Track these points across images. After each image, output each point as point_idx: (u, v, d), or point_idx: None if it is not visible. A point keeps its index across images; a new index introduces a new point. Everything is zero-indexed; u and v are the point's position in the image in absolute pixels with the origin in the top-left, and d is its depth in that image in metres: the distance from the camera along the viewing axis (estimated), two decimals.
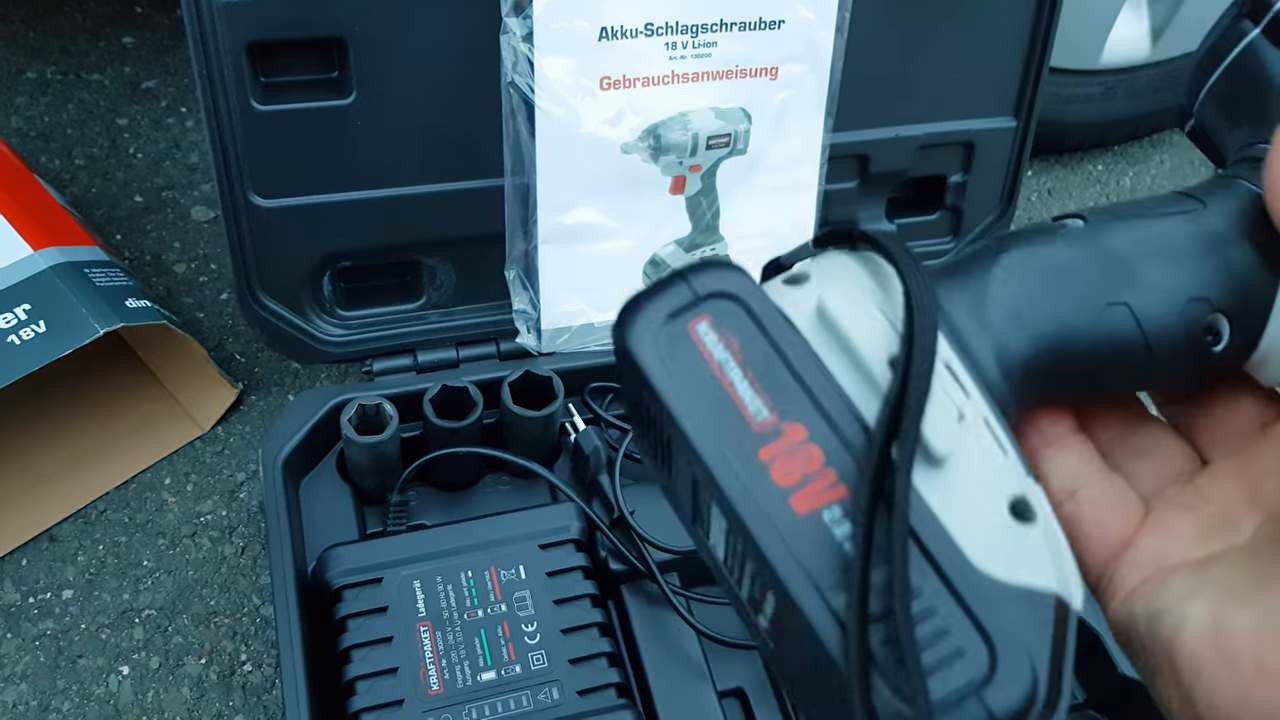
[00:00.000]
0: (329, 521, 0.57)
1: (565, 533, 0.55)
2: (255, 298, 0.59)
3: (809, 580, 0.22)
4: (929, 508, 0.23)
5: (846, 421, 0.23)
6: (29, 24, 0.93)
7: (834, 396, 0.23)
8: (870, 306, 0.25)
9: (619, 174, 0.58)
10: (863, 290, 0.25)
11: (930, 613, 0.22)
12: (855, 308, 0.24)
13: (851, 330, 0.24)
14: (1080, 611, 0.23)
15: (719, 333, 0.24)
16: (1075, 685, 0.58)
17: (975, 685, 0.21)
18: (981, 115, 0.67)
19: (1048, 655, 0.21)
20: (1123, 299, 0.26)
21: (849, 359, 0.24)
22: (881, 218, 0.70)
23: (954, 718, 0.21)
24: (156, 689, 0.57)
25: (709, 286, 0.24)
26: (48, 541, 0.62)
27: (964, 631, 0.21)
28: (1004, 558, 0.22)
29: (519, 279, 0.61)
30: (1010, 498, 0.23)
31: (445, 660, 0.49)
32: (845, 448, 0.23)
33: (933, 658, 0.21)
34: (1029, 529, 0.23)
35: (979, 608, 0.22)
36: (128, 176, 0.82)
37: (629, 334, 0.24)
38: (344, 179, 0.57)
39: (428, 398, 0.58)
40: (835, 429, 0.23)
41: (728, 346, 0.24)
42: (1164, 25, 0.87)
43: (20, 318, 0.57)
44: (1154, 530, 0.27)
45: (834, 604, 0.21)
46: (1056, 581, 0.22)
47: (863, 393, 0.24)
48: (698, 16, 0.56)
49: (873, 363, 0.24)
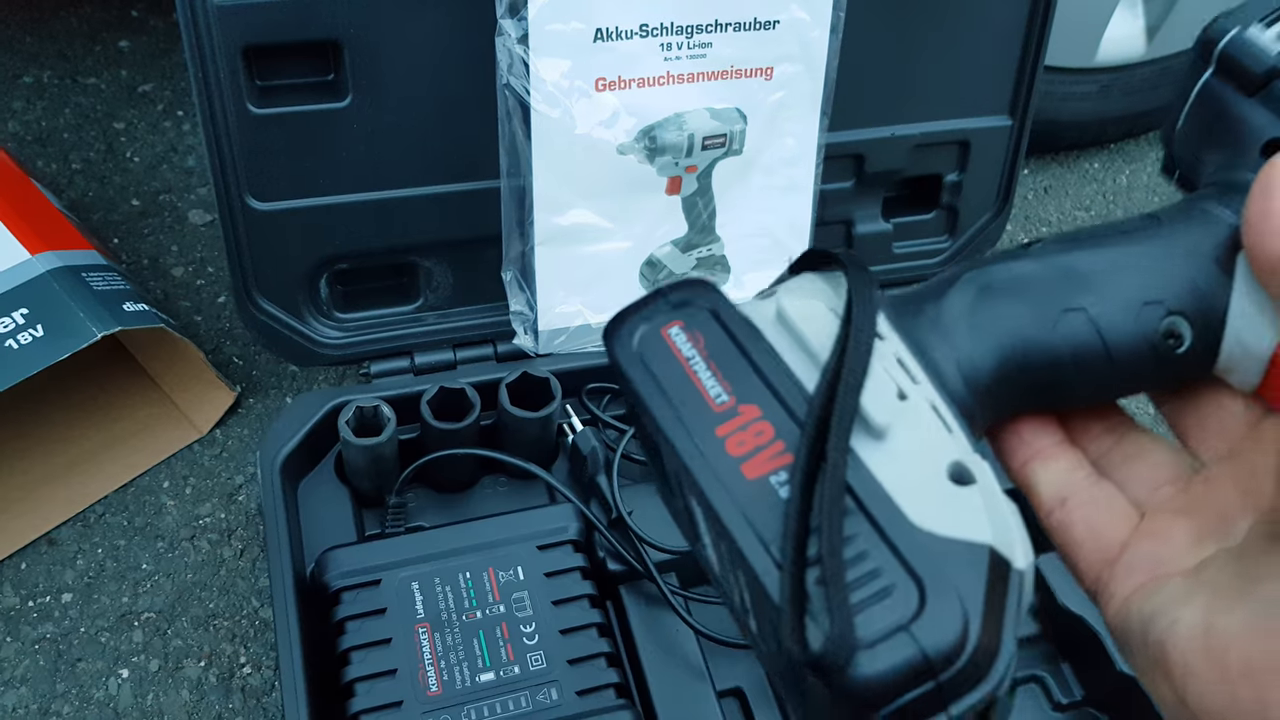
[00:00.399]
0: (327, 524, 0.58)
1: (563, 533, 0.55)
2: (252, 301, 0.59)
3: (756, 535, 0.24)
4: (869, 472, 0.24)
5: (797, 402, 0.26)
6: (25, 29, 0.93)
7: (787, 381, 0.26)
8: (822, 307, 0.27)
9: (615, 175, 0.58)
10: (819, 296, 0.28)
11: (863, 557, 0.23)
12: (808, 307, 0.27)
13: (803, 325, 0.27)
14: (1024, 570, 0.24)
15: (688, 333, 0.27)
16: (1074, 682, 0.58)
17: (904, 622, 0.22)
18: (977, 114, 0.67)
19: (981, 601, 0.22)
20: (1078, 304, 0.27)
21: (801, 350, 0.27)
22: (878, 217, 0.70)
23: (884, 651, 0.22)
24: (156, 692, 0.57)
25: (683, 298, 0.28)
26: (46, 545, 0.62)
27: (895, 574, 0.23)
28: (940, 515, 0.24)
29: (516, 280, 0.61)
30: (950, 465, 0.25)
31: (444, 661, 0.50)
32: (794, 422, 0.25)
33: (863, 595, 0.23)
34: (968, 491, 0.24)
35: (911, 555, 0.23)
36: (124, 180, 0.82)
37: (614, 344, 0.27)
38: (340, 182, 0.57)
39: (425, 399, 0.58)
40: (786, 408, 0.26)
41: (694, 344, 0.27)
42: (1159, 23, 0.87)
43: (18, 322, 0.57)
44: (1148, 536, 0.28)
45: (775, 553, 0.24)
46: (991, 536, 0.23)
47: (812, 376, 0.26)
48: (692, 17, 0.56)
49: (822, 351, 0.26)
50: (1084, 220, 0.91)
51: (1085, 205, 0.93)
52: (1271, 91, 0.30)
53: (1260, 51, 0.30)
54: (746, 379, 0.26)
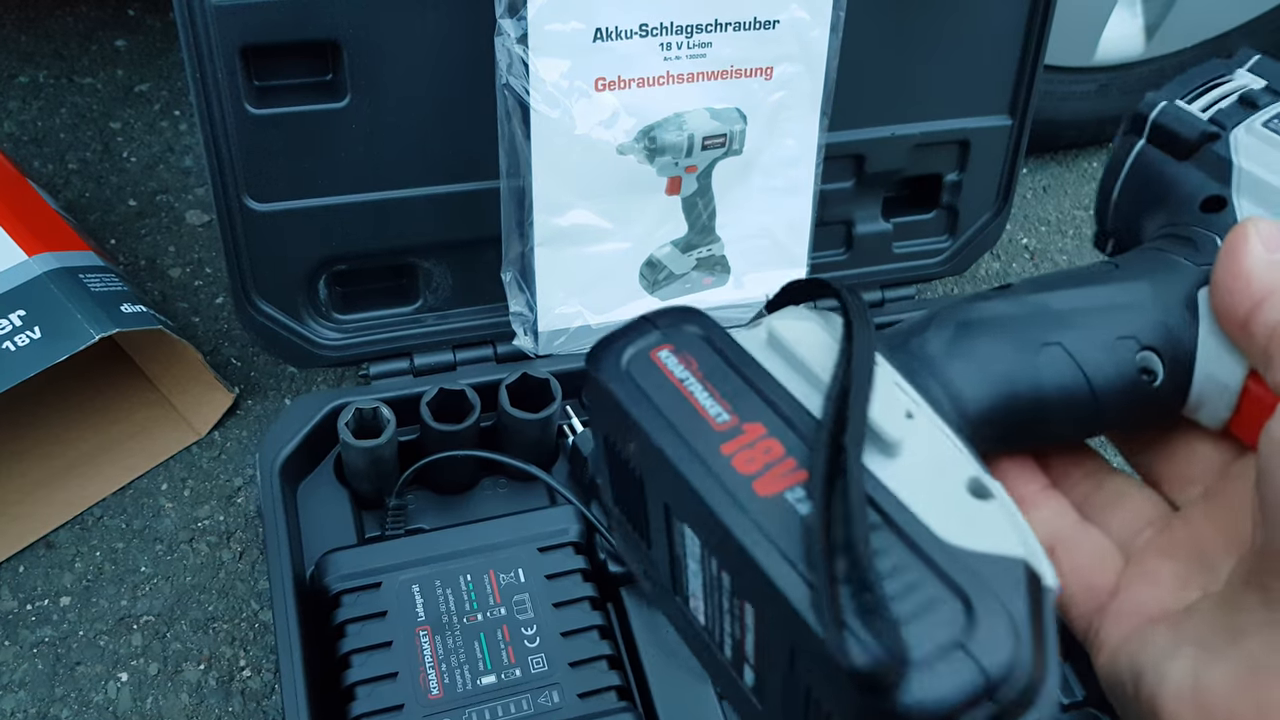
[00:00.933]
0: (327, 526, 0.57)
1: (564, 535, 0.55)
2: (251, 302, 0.59)
3: (779, 553, 0.22)
4: (887, 488, 0.23)
5: (801, 420, 0.25)
6: (20, 28, 0.93)
7: (788, 401, 0.25)
8: (815, 328, 0.27)
9: (615, 175, 0.58)
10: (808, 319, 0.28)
11: (898, 571, 0.22)
12: (800, 329, 0.27)
13: (798, 347, 0.26)
14: (1054, 589, 0.22)
15: (680, 356, 0.26)
16: (1074, 681, 0.58)
17: (957, 638, 0.20)
18: (976, 114, 0.67)
19: (1027, 616, 0.21)
20: (1055, 339, 0.28)
21: (798, 370, 0.26)
22: (878, 217, 0.70)
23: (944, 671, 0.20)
24: (155, 695, 0.57)
25: (670, 323, 0.27)
26: (44, 548, 0.62)
27: (934, 588, 0.21)
28: (967, 529, 0.23)
29: (515, 281, 0.60)
30: (967, 479, 0.24)
31: (445, 664, 0.49)
32: (802, 440, 0.24)
33: (906, 608, 0.21)
34: (990, 505, 0.23)
35: (949, 567, 0.22)
36: (121, 181, 0.82)
37: (600, 368, 0.26)
38: (339, 182, 0.57)
39: (425, 401, 0.57)
40: (791, 426, 0.25)
41: (687, 366, 0.26)
42: (1158, 22, 0.87)
43: (15, 324, 0.57)
44: (1134, 580, 0.28)
45: (803, 571, 0.22)
46: (1023, 551, 0.22)
47: (813, 396, 0.25)
48: (692, 17, 0.55)
49: (819, 370, 0.26)
50: (1083, 219, 0.91)
51: (1084, 205, 0.93)
52: (1203, 155, 0.33)
53: (1192, 119, 0.33)
54: (746, 398, 0.25)
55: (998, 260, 0.86)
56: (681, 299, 0.64)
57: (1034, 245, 0.88)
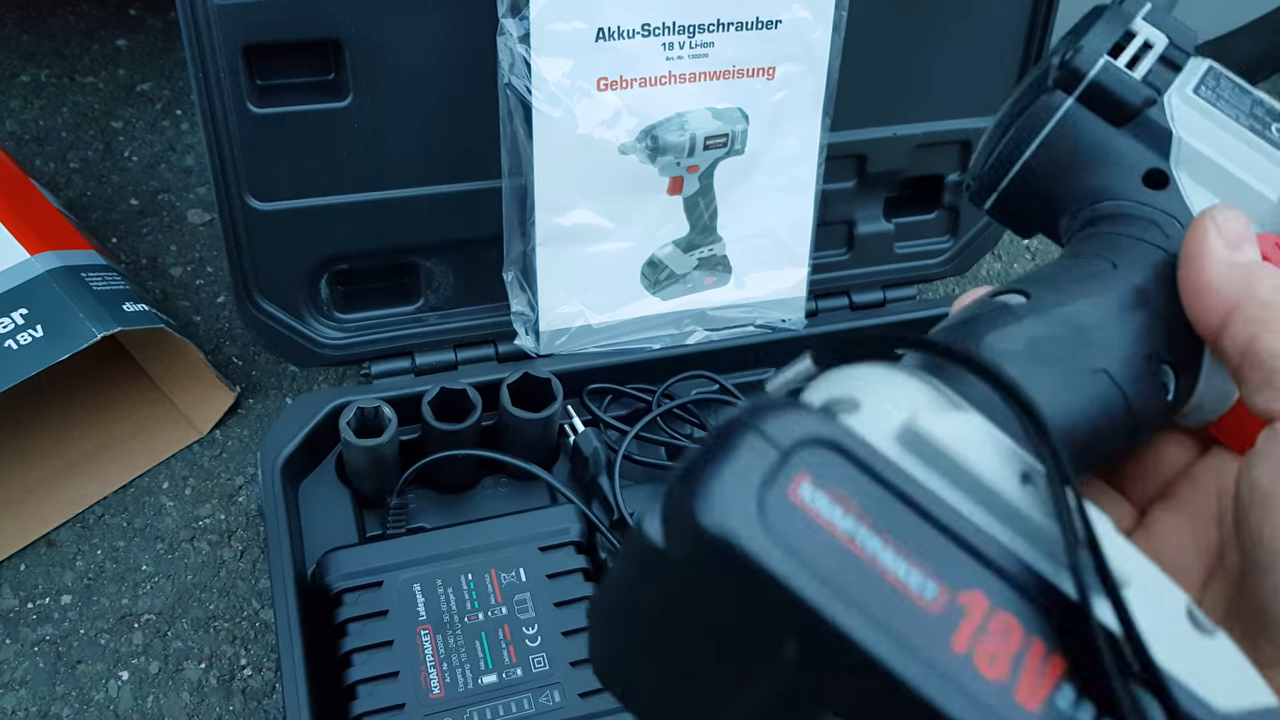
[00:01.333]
0: (328, 525, 0.57)
1: (565, 535, 0.55)
2: (252, 301, 0.59)
3: None
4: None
5: (1012, 565, 0.19)
6: (22, 27, 0.93)
7: (985, 539, 0.19)
8: (975, 424, 0.21)
9: (616, 175, 0.58)
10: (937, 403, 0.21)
11: None
12: (956, 427, 0.20)
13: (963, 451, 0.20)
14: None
15: (828, 492, 0.19)
16: None
17: None
18: (979, 114, 0.67)
19: None
20: (1101, 365, 0.25)
21: (974, 489, 0.20)
22: (879, 217, 0.70)
23: None
24: (156, 694, 0.57)
25: (790, 435, 0.19)
26: (45, 546, 0.62)
27: None
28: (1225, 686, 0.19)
29: (517, 281, 0.60)
30: (1184, 609, 0.20)
31: (446, 664, 0.49)
32: (1029, 601, 0.19)
33: None
34: (1218, 642, 0.20)
35: None
36: (123, 180, 0.82)
37: (718, 517, 0.18)
38: (341, 181, 0.57)
39: (426, 400, 0.57)
40: (1004, 578, 0.19)
41: (847, 509, 0.19)
42: None
43: (17, 322, 0.57)
44: None
45: None
46: (1269, 695, 0.19)
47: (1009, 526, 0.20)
48: (694, 17, 0.55)
49: (1004, 487, 0.20)
50: None
51: None
52: (1142, 122, 0.30)
53: (1132, 82, 0.30)
54: (940, 550, 0.19)
55: (999, 260, 0.86)
56: (683, 299, 0.64)
57: (1034, 245, 0.88)
